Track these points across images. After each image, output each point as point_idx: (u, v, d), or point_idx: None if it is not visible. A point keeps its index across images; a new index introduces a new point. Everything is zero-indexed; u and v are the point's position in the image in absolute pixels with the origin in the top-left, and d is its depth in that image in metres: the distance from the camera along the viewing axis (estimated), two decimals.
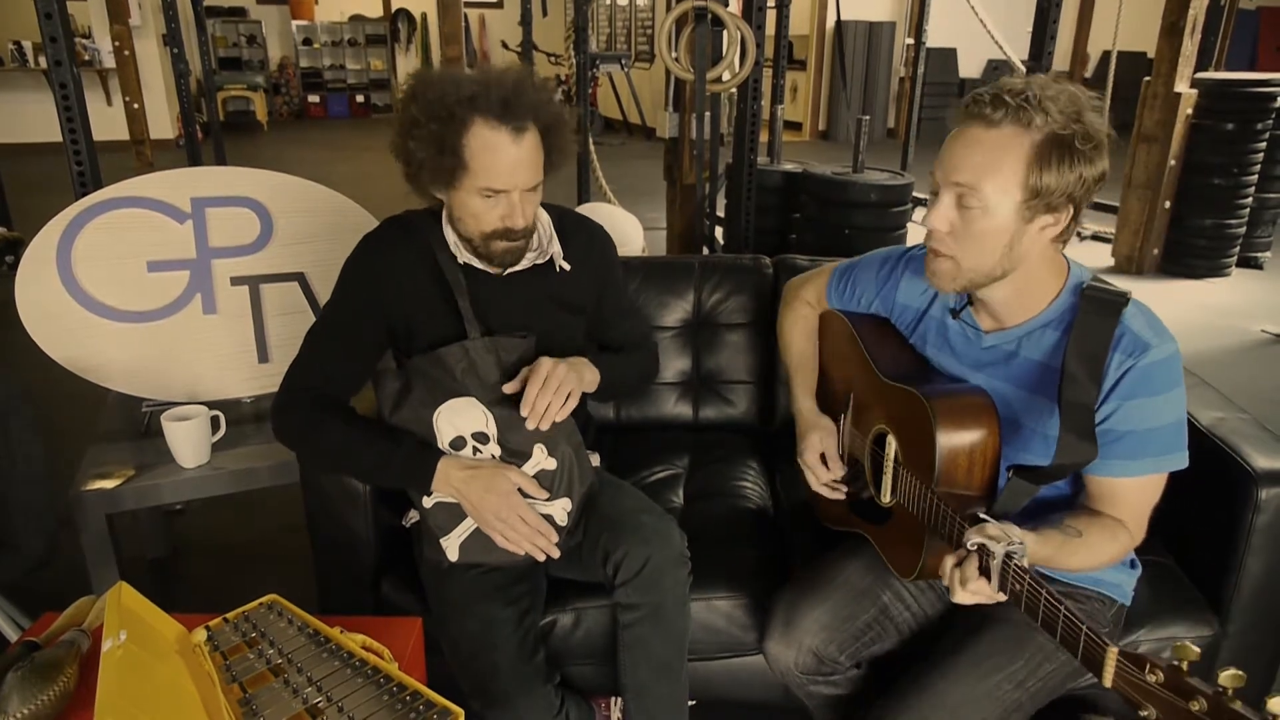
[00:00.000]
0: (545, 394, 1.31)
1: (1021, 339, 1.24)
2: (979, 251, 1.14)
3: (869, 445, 1.38)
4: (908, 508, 1.25)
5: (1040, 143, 1.07)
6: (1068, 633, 0.94)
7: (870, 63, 9.99)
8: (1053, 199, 1.09)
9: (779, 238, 4.17)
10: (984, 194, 1.10)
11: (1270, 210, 5.11)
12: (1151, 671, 0.82)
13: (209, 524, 2.47)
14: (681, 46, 3.60)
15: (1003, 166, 1.09)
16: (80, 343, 1.86)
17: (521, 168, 1.28)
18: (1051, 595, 0.96)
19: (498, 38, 11.41)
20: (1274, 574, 1.42)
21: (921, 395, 1.22)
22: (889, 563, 1.34)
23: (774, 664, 1.41)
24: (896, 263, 1.43)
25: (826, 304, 1.55)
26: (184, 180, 1.94)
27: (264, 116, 10.95)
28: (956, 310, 1.31)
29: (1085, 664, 0.91)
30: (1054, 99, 1.07)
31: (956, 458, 1.18)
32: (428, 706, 1.08)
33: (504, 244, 1.34)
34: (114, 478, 1.73)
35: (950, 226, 1.14)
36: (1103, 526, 1.16)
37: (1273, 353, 3.93)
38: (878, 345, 1.41)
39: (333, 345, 1.41)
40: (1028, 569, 0.99)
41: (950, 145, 1.14)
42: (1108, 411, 1.14)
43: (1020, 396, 1.24)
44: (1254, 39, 10.00)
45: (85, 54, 8.34)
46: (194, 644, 1.21)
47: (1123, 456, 1.15)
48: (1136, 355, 1.12)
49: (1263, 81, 4.69)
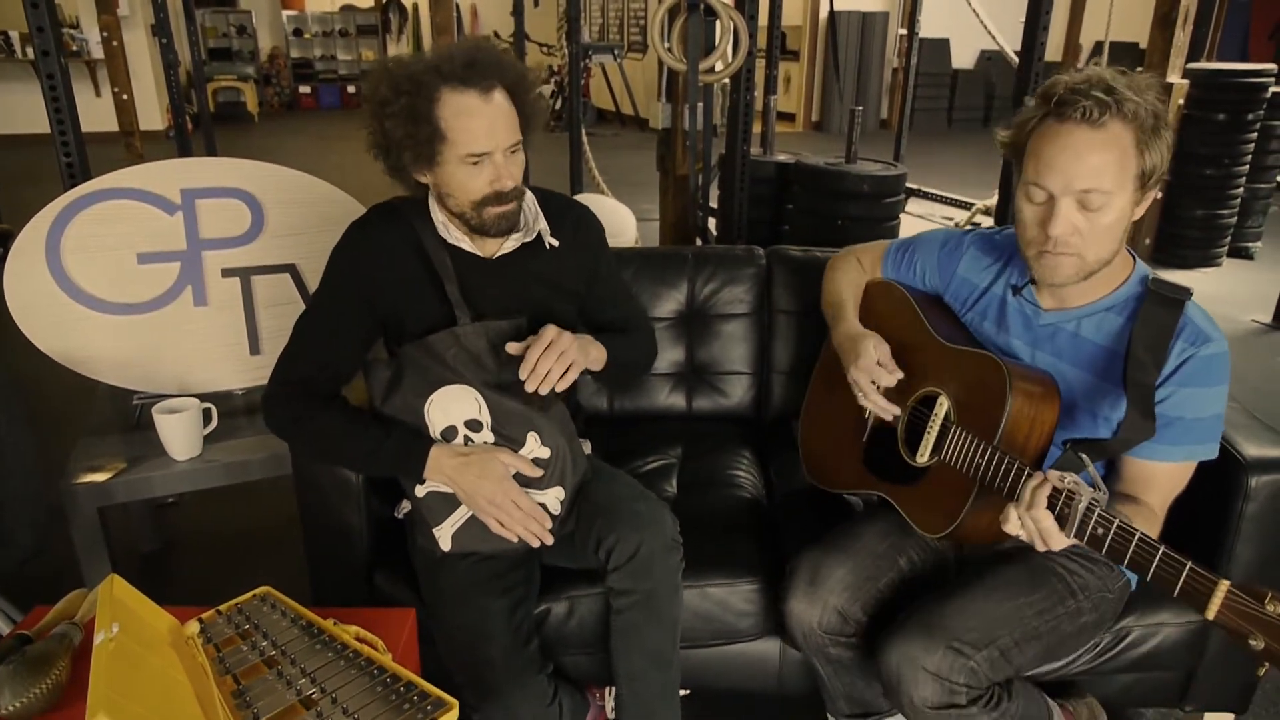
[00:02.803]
0: (548, 358, 1.31)
1: (1081, 320, 1.29)
2: (1103, 244, 1.20)
3: (909, 407, 1.40)
4: (954, 465, 1.27)
5: (1141, 125, 1.13)
6: (1166, 571, 1.00)
7: (863, 53, 9.96)
8: (1155, 176, 1.16)
9: (772, 228, 4.17)
10: (1108, 193, 1.15)
11: (1261, 200, 5.12)
12: (1271, 602, 0.90)
13: (201, 516, 2.47)
14: (674, 37, 3.59)
15: (1122, 162, 1.14)
16: (70, 335, 1.85)
17: (498, 126, 1.29)
18: (1145, 539, 1.02)
19: (489, 28, 11.35)
20: (1264, 561, 1.44)
21: (998, 359, 1.26)
22: (916, 522, 1.36)
23: (797, 624, 1.40)
24: (960, 240, 1.48)
25: (880, 274, 1.58)
26: (174, 171, 1.92)
27: (255, 107, 10.88)
28: (1019, 287, 1.34)
29: (1184, 597, 0.98)
30: (1131, 85, 1.13)
31: (1020, 422, 1.23)
32: (421, 697, 1.08)
33: (496, 209, 1.34)
34: (105, 471, 1.72)
35: (1075, 230, 1.18)
36: (1142, 517, 1.19)
37: (1263, 342, 3.95)
38: (935, 315, 1.45)
39: (322, 334, 1.41)
40: (1111, 515, 1.04)
41: (1058, 153, 1.15)
42: (1164, 395, 1.20)
43: (1077, 375, 1.30)
44: (1245, 29, 10.00)
45: (73, 44, 8.27)
46: (187, 636, 1.21)
47: (1166, 441, 1.21)
48: (1198, 345, 1.19)
49: (1254, 72, 4.70)
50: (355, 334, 1.42)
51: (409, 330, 1.40)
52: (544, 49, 8.70)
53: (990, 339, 1.39)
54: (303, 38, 12.08)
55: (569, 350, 1.33)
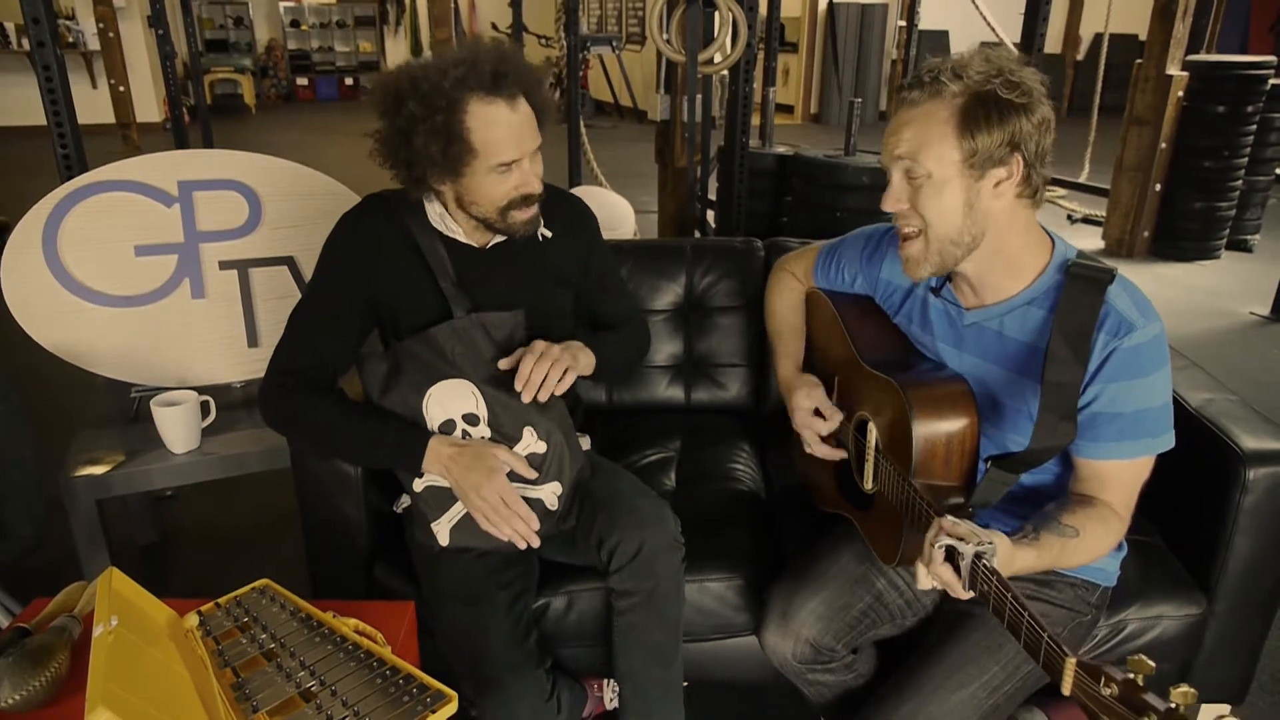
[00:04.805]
0: (541, 366, 1.31)
1: (1004, 317, 1.23)
2: (940, 219, 1.15)
3: (852, 431, 1.38)
4: (887, 496, 1.25)
5: (964, 105, 1.11)
6: (1030, 638, 0.92)
7: (862, 45, 9.93)
8: (994, 152, 1.11)
9: (771, 221, 4.17)
10: (923, 163, 1.13)
11: (1259, 193, 5.12)
12: (1107, 684, 0.80)
13: (200, 509, 2.47)
14: (673, 28, 3.57)
15: (932, 135, 1.12)
16: (67, 328, 1.85)
17: (525, 133, 1.29)
18: (1017, 600, 0.93)
19: (487, 20, 11.30)
20: (1261, 554, 1.44)
21: (898, 385, 1.21)
22: (872, 548, 1.34)
23: (772, 655, 1.42)
24: (881, 239, 1.43)
25: (813, 283, 1.54)
26: (171, 163, 1.91)
27: (252, 99, 10.85)
28: (937, 288, 1.31)
29: (1046, 670, 0.90)
30: (968, 64, 1.11)
31: (934, 448, 1.17)
32: (420, 689, 1.08)
33: (523, 213, 1.34)
34: (104, 463, 1.72)
35: (908, 202, 1.17)
36: (1098, 518, 1.15)
37: (1260, 334, 3.95)
38: (860, 328, 1.40)
39: (317, 325, 1.40)
40: (995, 570, 0.97)
41: (887, 132, 1.19)
42: (1094, 394, 1.14)
43: (1003, 376, 1.24)
44: (1245, 21, 9.98)
45: (69, 36, 8.24)
46: (186, 629, 1.21)
47: (1112, 439, 1.15)
48: (1121, 336, 1.12)
49: (1253, 64, 4.68)
50: (350, 324, 1.41)
51: (404, 321, 1.40)
52: (542, 41, 8.66)
53: (920, 342, 1.35)
54: (300, 29, 12.03)
55: (561, 359, 1.33)
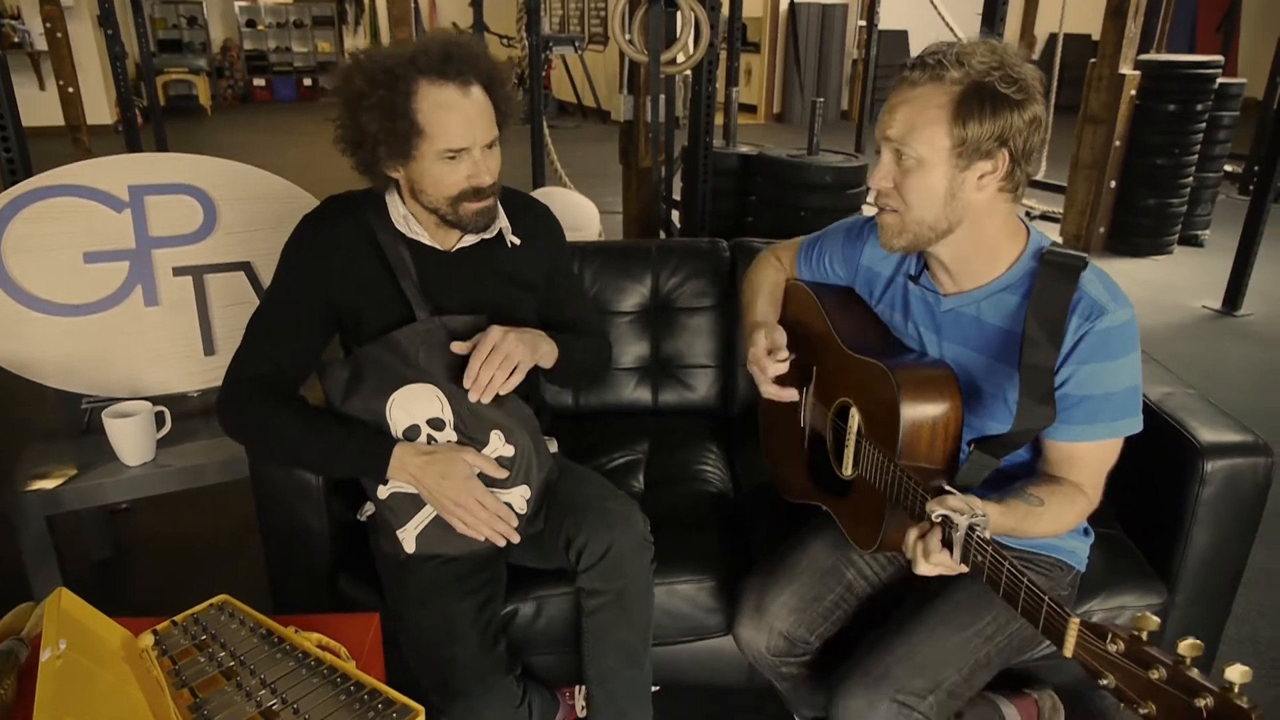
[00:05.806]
0: (489, 366, 1.29)
1: (981, 302, 1.25)
2: (923, 206, 1.17)
3: (831, 418, 1.38)
4: (870, 480, 1.25)
5: (961, 93, 1.11)
6: (1029, 603, 0.95)
7: (824, 45, 10.01)
8: (983, 144, 1.12)
9: (735, 220, 4.18)
10: (914, 147, 1.14)
11: (1209, 189, 5.25)
12: (1113, 641, 0.83)
13: (155, 523, 2.40)
14: (635, 28, 3.56)
15: (926, 120, 1.13)
16: (13, 338, 1.79)
17: (477, 121, 1.27)
18: (1014, 567, 0.96)
19: (448, 19, 11.19)
20: (1219, 544, 1.47)
21: (886, 367, 1.23)
22: (849, 535, 1.35)
23: (746, 648, 1.42)
24: (863, 228, 1.45)
25: (796, 273, 1.55)
26: (120, 167, 1.86)
27: (207, 101, 10.63)
28: (915, 276, 1.32)
29: (1046, 634, 0.93)
30: (972, 53, 1.12)
31: (919, 430, 1.19)
32: (387, 705, 1.05)
33: (474, 205, 1.32)
34: (54, 478, 1.67)
35: (893, 182, 1.18)
36: (1064, 493, 1.18)
37: (1213, 328, 4.05)
38: (843, 317, 1.41)
39: (277, 330, 1.37)
40: (990, 541, 1.00)
41: (883, 109, 1.20)
42: (1066, 375, 1.17)
43: (982, 361, 1.26)
44: (1193, 21, 10.24)
45: (14, 35, 8.02)
46: (141, 649, 1.17)
47: (1080, 421, 1.18)
48: (1093, 319, 1.15)
49: (1202, 64, 4.80)
50: (311, 330, 1.39)
51: (366, 324, 1.37)
52: (504, 40, 8.60)
53: (901, 329, 1.37)
54: (256, 29, 11.81)
55: (514, 352, 1.31)
